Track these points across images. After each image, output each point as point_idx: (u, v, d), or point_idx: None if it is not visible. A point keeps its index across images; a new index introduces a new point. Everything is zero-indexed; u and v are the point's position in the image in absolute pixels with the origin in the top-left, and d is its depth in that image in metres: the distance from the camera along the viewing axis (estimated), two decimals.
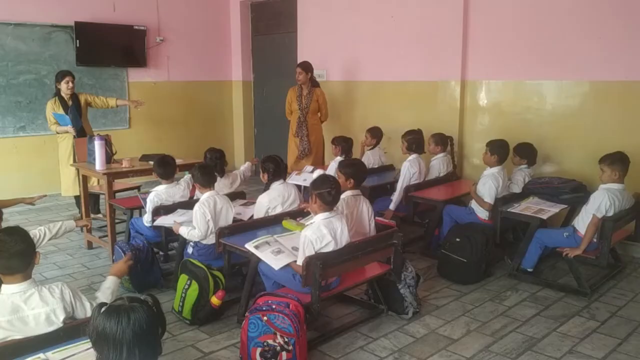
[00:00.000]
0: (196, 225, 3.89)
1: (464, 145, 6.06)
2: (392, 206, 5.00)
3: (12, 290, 2.28)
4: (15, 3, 6.51)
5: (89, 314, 2.40)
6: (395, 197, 5.03)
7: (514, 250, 4.65)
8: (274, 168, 4.18)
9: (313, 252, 3.16)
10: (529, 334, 3.53)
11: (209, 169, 4.15)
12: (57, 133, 5.78)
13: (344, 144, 5.66)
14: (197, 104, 8.37)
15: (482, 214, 4.67)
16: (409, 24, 6.29)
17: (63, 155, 5.84)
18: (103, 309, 1.76)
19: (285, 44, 7.95)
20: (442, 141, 5.45)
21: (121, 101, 6.43)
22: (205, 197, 3.97)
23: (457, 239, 4.38)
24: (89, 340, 1.82)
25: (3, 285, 2.31)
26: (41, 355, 2.11)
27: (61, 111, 5.67)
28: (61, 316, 2.34)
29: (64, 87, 5.66)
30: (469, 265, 4.29)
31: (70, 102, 5.71)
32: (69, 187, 5.85)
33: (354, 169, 3.88)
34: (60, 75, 5.72)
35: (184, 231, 3.97)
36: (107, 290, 2.72)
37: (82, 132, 5.74)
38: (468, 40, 5.87)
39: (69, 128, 5.63)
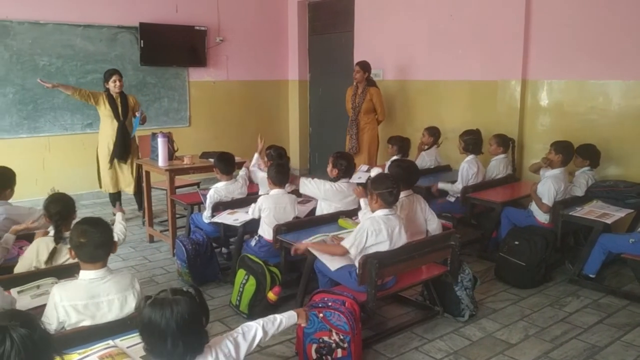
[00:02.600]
0: (250, 213, 4.06)
1: (523, 147, 5.91)
2: (440, 184, 5.14)
3: (90, 276, 2.41)
4: (85, 5, 6.79)
5: None
6: (453, 188, 5.07)
7: (575, 255, 4.52)
8: (346, 166, 4.21)
9: (363, 242, 3.19)
10: (591, 341, 3.43)
11: (285, 168, 4.21)
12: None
13: (400, 143, 5.63)
14: (254, 102, 8.51)
15: (542, 217, 4.56)
16: (468, 22, 6.20)
17: (102, 154, 5.85)
18: (148, 301, 1.84)
19: (342, 44, 7.97)
20: (504, 142, 5.35)
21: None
22: (272, 193, 4.08)
23: (516, 242, 4.29)
24: None
25: (81, 271, 2.44)
26: (110, 341, 2.21)
27: (108, 107, 5.66)
28: (132, 303, 2.45)
29: (112, 86, 5.64)
30: (528, 269, 4.20)
31: (118, 101, 5.71)
32: (108, 184, 5.88)
33: (402, 170, 3.87)
34: (108, 74, 5.70)
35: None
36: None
37: (126, 133, 5.75)
38: (530, 38, 5.72)
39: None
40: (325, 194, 4.15)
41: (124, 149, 5.77)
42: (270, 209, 3.99)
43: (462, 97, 6.40)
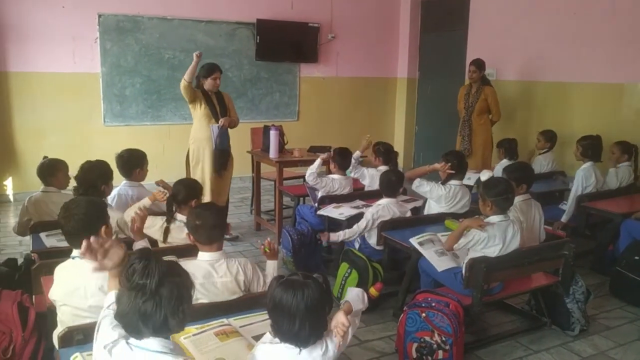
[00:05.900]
0: (363, 225, 3.94)
1: None
2: (564, 218, 4.70)
3: (206, 257, 2.58)
4: (207, 2, 7.18)
5: (263, 289, 2.62)
6: (568, 207, 4.72)
7: None
8: (458, 163, 4.12)
9: (471, 245, 3.16)
10: None
11: (402, 178, 4.14)
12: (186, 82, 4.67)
13: (507, 146, 5.44)
14: (361, 99, 8.56)
15: None
16: (594, 20, 5.84)
17: (196, 161, 5.00)
18: (280, 281, 1.90)
19: (454, 42, 7.80)
20: (629, 150, 4.98)
21: None
22: (385, 202, 4.03)
23: (636, 257, 4.00)
24: (265, 311, 1.98)
25: (199, 253, 2.62)
26: (224, 320, 2.34)
27: (205, 106, 4.85)
28: (243, 287, 2.59)
29: (212, 84, 4.83)
30: None
31: (214, 99, 4.94)
32: (207, 193, 4.85)
33: (522, 174, 3.75)
34: (209, 70, 4.81)
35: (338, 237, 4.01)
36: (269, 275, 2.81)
37: (226, 139, 4.96)
38: None
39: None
40: (438, 199, 4.12)
41: (226, 153, 5.05)
42: (384, 218, 3.95)
43: (582, 100, 6.05)
